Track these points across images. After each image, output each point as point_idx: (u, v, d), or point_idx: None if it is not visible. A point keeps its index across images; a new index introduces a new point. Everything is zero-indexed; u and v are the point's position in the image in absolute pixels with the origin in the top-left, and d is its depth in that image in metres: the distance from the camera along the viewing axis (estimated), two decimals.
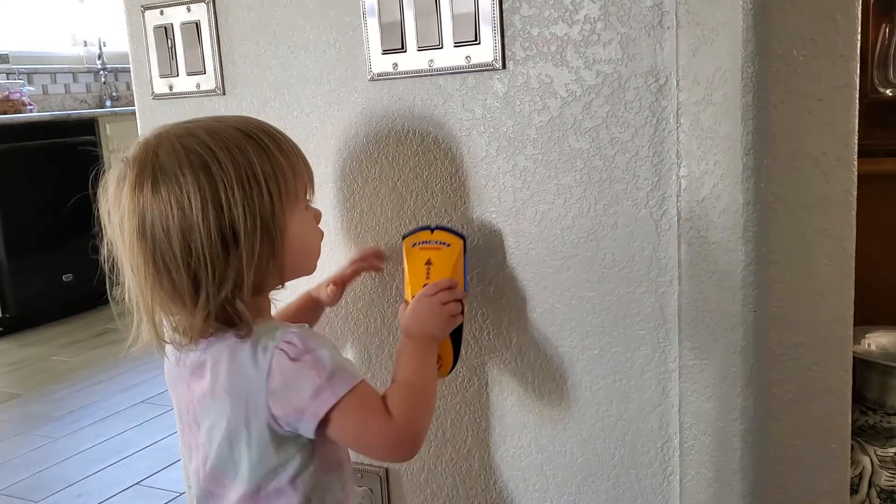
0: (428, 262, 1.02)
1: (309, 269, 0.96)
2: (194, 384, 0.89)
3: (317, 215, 0.97)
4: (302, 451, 0.88)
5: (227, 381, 0.86)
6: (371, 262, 1.13)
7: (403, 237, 1.05)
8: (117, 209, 0.85)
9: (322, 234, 0.97)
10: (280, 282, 0.90)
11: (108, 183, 0.86)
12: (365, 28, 1.08)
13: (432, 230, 1.04)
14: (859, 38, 0.88)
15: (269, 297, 0.93)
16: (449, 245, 1.02)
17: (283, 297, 1.06)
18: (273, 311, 0.97)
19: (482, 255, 1.08)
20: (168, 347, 0.90)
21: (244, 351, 0.85)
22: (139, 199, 0.83)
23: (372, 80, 1.10)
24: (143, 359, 3.35)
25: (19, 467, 2.45)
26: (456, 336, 1.02)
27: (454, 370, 1.05)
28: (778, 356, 0.92)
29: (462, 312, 1.00)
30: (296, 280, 0.96)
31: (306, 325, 0.94)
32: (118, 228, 0.85)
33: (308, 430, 0.85)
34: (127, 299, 0.88)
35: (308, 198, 0.93)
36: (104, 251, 0.88)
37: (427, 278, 1.01)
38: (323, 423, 0.84)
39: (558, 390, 1.07)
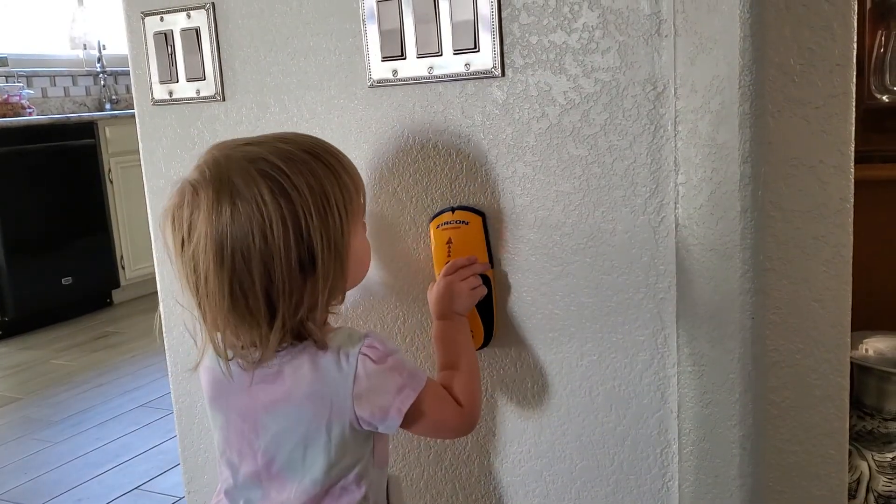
0: (449, 242, 1.06)
1: (360, 279, 0.99)
2: (260, 392, 0.90)
3: (364, 227, 0.99)
4: (367, 448, 0.93)
5: (311, 387, 0.88)
6: None
7: (430, 220, 1.09)
8: (183, 232, 0.84)
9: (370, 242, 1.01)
10: (342, 297, 0.92)
11: (168, 204, 0.86)
12: (364, 35, 1.09)
13: (453, 210, 1.07)
14: (855, 46, 0.88)
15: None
16: (468, 223, 1.05)
17: None
18: None
19: None
20: (213, 360, 0.91)
21: (327, 358, 0.88)
22: (217, 224, 0.82)
23: (371, 86, 1.11)
24: (143, 363, 3.38)
25: (18, 472, 2.45)
26: (485, 310, 1.05)
27: (489, 343, 1.08)
28: (776, 362, 0.93)
29: (491, 286, 1.04)
30: None
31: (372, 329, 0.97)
32: (187, 252, 0.84)
33: (392, 426, 0.89)
34: (184, 321, 0.89)
35: (364, 213, 0.95)
36: (158, 269, 0.88)
37: (448, 257, 1.06)
38: (406, 418, 0.89)
39: (557, 396, 1.07)
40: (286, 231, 0.82)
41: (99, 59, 5.02)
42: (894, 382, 1.22)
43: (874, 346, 1.34)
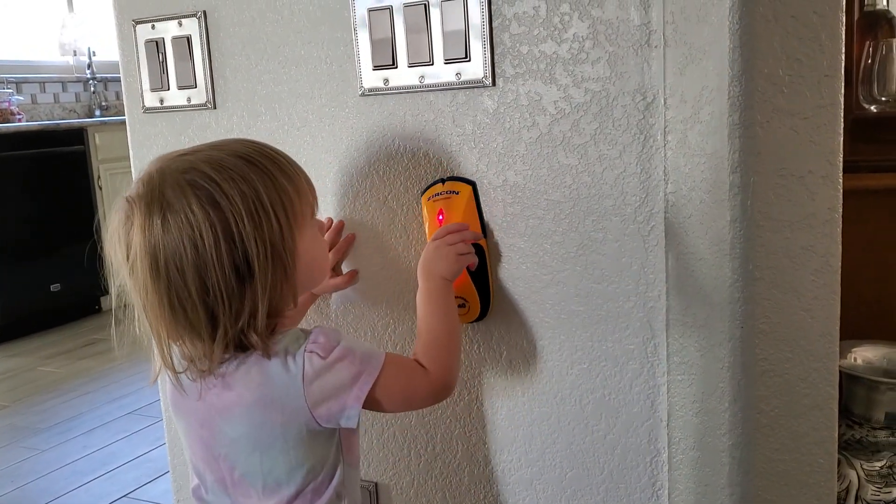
0: (440, 213, 1.05)
1: (318, 282, 0.98)
2: (214, 398, 0.89)
3: (321, 226, 0.98)
4: (335, 448, 0.92)
5: (260, 392, 0.87)
6: (337, 238, 1.15)
7: (421, 193, 1.08)
8: (124, 248, 0.85)
9: (327, 243, 0.98)
10: (294, 302, 0.90)
11: (111, 221, 0.86)
12: (356, 44, 1.09)
13: (444, 181, 1.07)
14: (843, 56, 0.89)
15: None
16: (458, 192, 1.05)
17: None
18: None
19: None
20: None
21: (274, 362, 0.86)
22: (150, 237, 0.82)
23: (363, 95, 1.11)
24: (131, 370, 3.36)
25: (4, 480, 2.44)
26: (480, 280, 1.05)
27: (487, 315, 1.07)
28: (765, 371, 0.93)
29: (485, 256, 1.04)
30: None
31: (321, 324, 0.96)
32: (128, 267, 0.85)
33: (352, 417, 0.88)
34: (138, 331, 0.88)
35: (313, 215, 0.94)
36: (113, 290, 0.88)
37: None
38: (367, 403, 0.88)
39: (547, 404, 1.07)
40: (217, 239, 0.81)
41: (89, 66, 5.01)
42: (883, 391, 1.23)
43: (862, 354, 1.34)
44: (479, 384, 1.12)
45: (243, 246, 0.82)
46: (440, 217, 1.06)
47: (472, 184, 1.05)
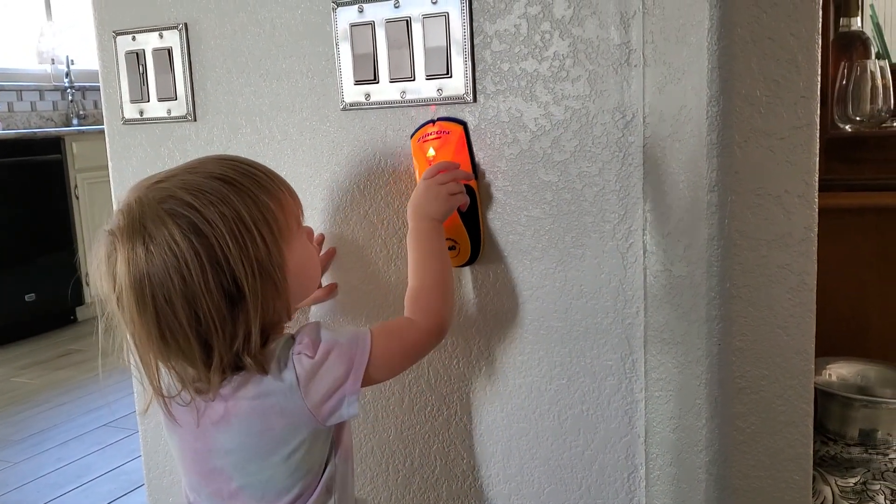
0: (431, 153, 1.04)
1: (310, 290, 0.98)
2: (209, 410, 0.88)
3: (308, 233, 0.97)
4: (329, 444, 0.91)
5: (256, 402, 0.86)
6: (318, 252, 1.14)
7: (411, 136, 1.07)
8: (110, 280, 0.83)
9: (317, 251, 0.98)
10: (288, 316, 0.90)
11: (95, 254, 0.85)
12: (337, 58, 1.09)
13: (434, 122, 1.05)
14: (819, 78, 0.90)
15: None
16: (449, 133, 1.04)
17: None
18: None
19: None
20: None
21: (264, 376, 0.86)
22: (134, 270, 0.81)
23: (344, 109, 1.11)
24: (106, 381, 3.32)
25: None
26: (471, 222, 1.04)
27: (477, 259, 1.06)
28: (742, 388, 0.94)
29: (476, 197, 1.03)
30: None
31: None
32: (114, 299, 0.84)
33: (352, 404, 0.87)
34: (126, 359, 0.87)
35: (299, 224, 0.93)
36: (100, 324, 0.86)
37: None
38: (369, 381, 0.89)
39: (526, 420, 1.08)
40: (203, 267, 0.80)
41: (67, 74, 4.97)
42: (857, 408, 1.24)
43: (837, 371, 1.36)
44: (457, 399, 1.12)
45: (231, 269, 0.81)
46: (430, 158, 1.04)
47: (464, 124, 1.03)
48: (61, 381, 3.39)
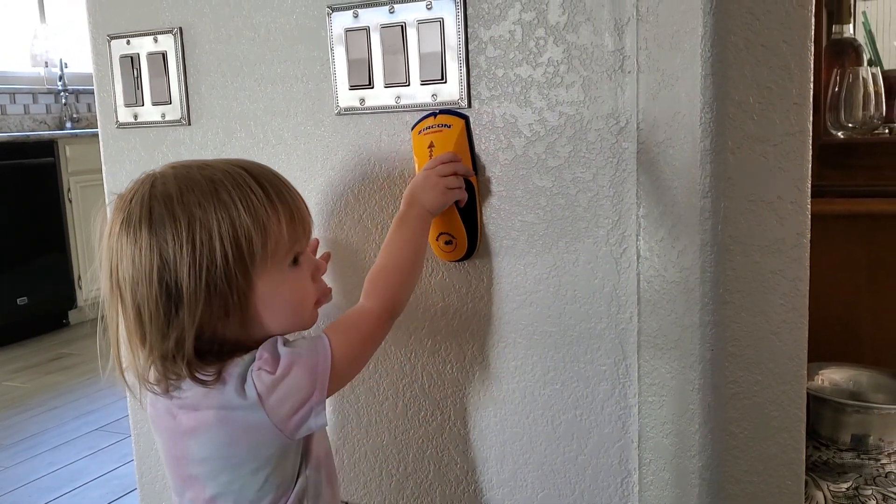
0: (431, 146, 1.03)
1: (303, 325, 0.94)
2: (183, 417, 0.88)
3: (315, 268, 0.94)
4: (298, 456, 0.90)
5: (222, 414, 0.85)
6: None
7: (411, 128, 1.06)
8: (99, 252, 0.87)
9: (317, 288, 0.93)
10: (263, 334, 0.88)
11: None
12: (332, 63, 1.10)
13: (436, 115, 1.04)
14: (812, 85, 0.91)
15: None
16: (450, 126, 1.03)
17: None
18: None
19: (446, 288, 1.09)
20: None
21: (228, 387, 0.85)
22: (110, 246, 0.85)
23: (339, 114, 1.11)
24: (99, 385, 3.31)
25: None
26: (469, 218, 1.03)
27: (474, 254, 1.06)
28: (735, 394, 0.94)
29: (475, 193, 1.03)
30: None
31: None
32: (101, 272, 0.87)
33: (320, 414, 0.86)
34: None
35: (295, 254, 0.89)
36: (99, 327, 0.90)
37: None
38: (336, 384, 0.88)
39: (520, 425, 1.08)
40: (151, 258, 0.82)
41: (60, 77, 4.97)
42: (849, 413, 1.25)
43: (829, 377, 1.36)
44: (451, 404, 1.12)
45: (175, 271, 0.81)
46: (430, 149, 1.03)
47: (465, 118, 1.03)
48: (53, 385, 3.38)
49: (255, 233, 0.84)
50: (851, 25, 1.60)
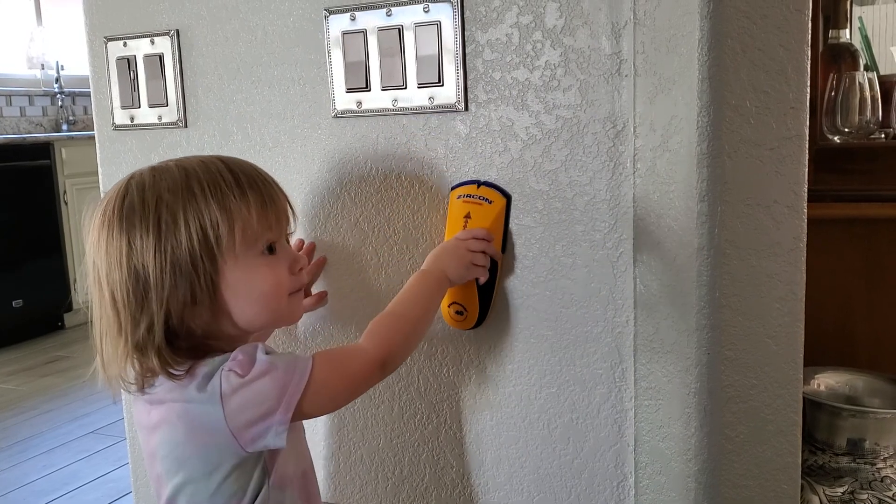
0: (467, 216, 1.03)
1: (279, 318, 0.92)
2: (154, 412, 0.88)
3: (293, 260, 0.92)
4: (259, 471, 0.87)
5: (182, 409, 0.84)
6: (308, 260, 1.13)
7: (452, 188, 1.05)
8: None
9: (294, 280, 0.91)
10: (236, 329, 0.88)
11: None
12: (329, 66, 1.10)
13: (479, 185, 1.03)
14: (809, 89, 0.91)
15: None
16: (491, 202, 1.02)
17: None
18: None
19: None
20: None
21: (194, 382, 0.83)
22: (91, 240, 0.86)
23: (336, 117, 1.11)
24: (94, 388, 3.29)
25: None
26: (485, 294, 1.03)
27: (481, 325, 1.06)
28: (731, 398, 0.94)
29: (497, 273, 1.03)
30: None
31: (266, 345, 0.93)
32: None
33: (280, 434, 0.83)
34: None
35: (268, 242, 0.88)
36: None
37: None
38: (306, 411, 0.84)
39: (516, 428, 1.08)
40: (120, 240, 0.83)
41: (57, 80, 4.96)
42: (845, 417, 1.25)
43: (825, 381, 1.36)
44: (447, 408, 1.12)
45: (142, 254, 0.82)
46: (466, 219, 1.03)
47: (508, 197, 1.02)
48: (47, 388, 3.37)
49: (221, 217, 0.84)
50: (848, 30, 1.61)
